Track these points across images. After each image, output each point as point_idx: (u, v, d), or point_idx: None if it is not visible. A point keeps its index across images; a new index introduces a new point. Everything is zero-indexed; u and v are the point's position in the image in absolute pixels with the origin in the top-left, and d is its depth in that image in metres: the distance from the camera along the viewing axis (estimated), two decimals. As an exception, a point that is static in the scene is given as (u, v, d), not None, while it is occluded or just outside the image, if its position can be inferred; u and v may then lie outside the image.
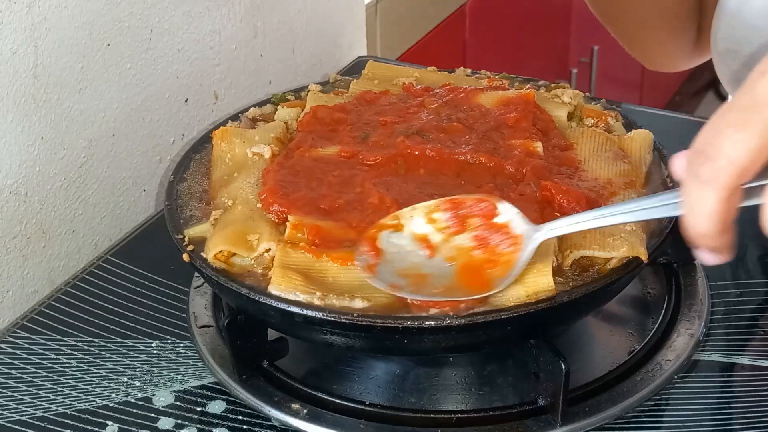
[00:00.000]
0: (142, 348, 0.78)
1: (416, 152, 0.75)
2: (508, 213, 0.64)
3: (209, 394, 0.73)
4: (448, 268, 0.63)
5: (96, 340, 0.79)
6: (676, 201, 0.55)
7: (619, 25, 0.99)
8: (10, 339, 0.79)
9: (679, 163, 0.53)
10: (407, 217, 0.66)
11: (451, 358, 0.74)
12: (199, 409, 0.72)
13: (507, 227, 0.64)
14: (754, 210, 0.51)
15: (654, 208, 0.58)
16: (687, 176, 0.51)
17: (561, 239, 0.68)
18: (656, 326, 0.77)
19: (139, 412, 0.71)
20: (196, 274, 0.81)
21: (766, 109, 0.48)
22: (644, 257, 0.66)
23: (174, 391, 0.73)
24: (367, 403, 0.71)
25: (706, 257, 0.54)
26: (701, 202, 0.50)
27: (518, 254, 0.63)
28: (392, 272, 0.63)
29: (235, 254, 0.68)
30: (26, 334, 0.79)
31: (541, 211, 0.69)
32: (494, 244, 0.63)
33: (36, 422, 0.71)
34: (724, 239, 0.52)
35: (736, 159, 0.48)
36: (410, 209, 0.66)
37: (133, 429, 0.70)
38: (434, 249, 0.64)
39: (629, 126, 0.83)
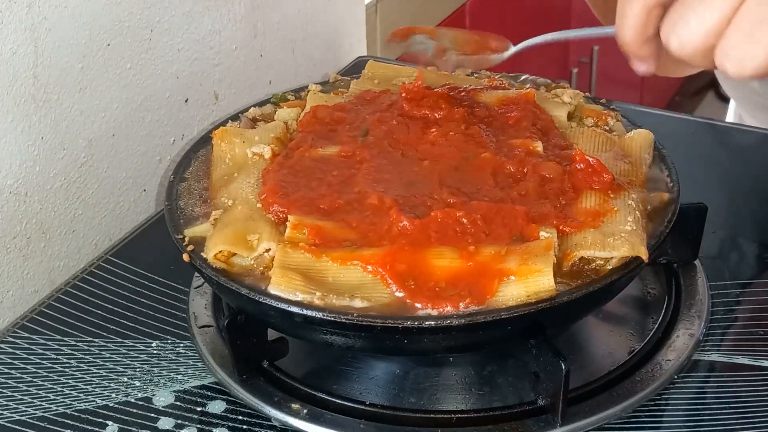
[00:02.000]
0: (142, 348, 0.78)
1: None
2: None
3: (209, 394, 0.73)
4: None
5: (96, 340, 0.79)
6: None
7: None
8: (10, 339, 0.79)
9: None
10: (441, 32, 0.83)
11: (451, 358, 0.74)
12: (199, 409, 0.72)
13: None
14: (752, 209, 0.52)
15: (597, 32, 0.71)
16: None
17: (561, 240, 0.68)
18: (656, 326, 0.77)
19: (139, 412, 0.71)
20: (196, 274, 0.81)
21: None
22: (645, 257, 0.66)
23: (174, 391, 0.73)
24: (367, 403, 0.70)
25: (636, 66, 0.65)
26: (629, 13, 0.61)
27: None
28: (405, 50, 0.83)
29: (235, 254, 0.68)
30: (26, 334, 0.79)
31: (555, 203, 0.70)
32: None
33: (36, 422, 0.71)
34: (647, 49, 0.63)
35: None
36: (446, 30, 0.83)
37: (133, 429, 0.70)
38: (443, 54, 0.82)
39: (629, 126, 0.83)
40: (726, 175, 0.98)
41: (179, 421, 0.70)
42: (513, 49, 0.79)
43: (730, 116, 1.26)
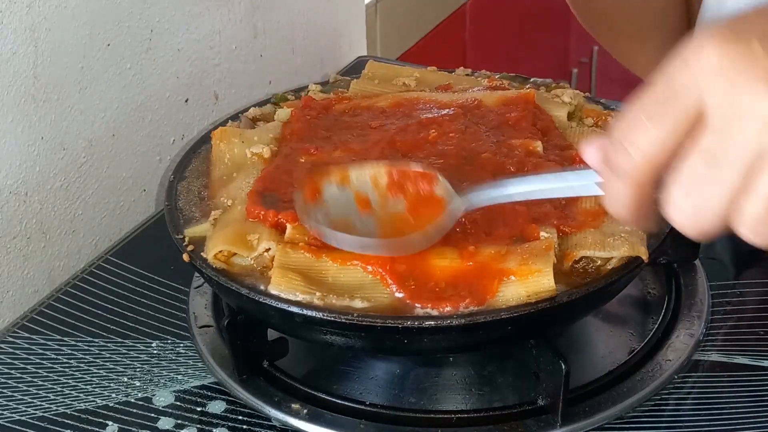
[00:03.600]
0: (142, 348, 0.78)
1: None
2: (443, 186, 0.66)
3: (209, 394, 0.73)
4: (374, 224, 0.66)
5: (96, 340, 0.79)
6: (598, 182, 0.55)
7: (608, 38, 0.99)
8: (10, 339, 0.79)
9: (591, 153, 0.53)
10: (355, 173, 0.68)
11: (451, 358, 0.74)
12: (199, 409, 0.72)
13: (440, 198, 0.66)
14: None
15: (579, 186, 0.58)
16: (605, 167, 0.52)
17: (562, 240, 0.68)
18: (656, 326, 0.77)
19: (139, 412, 0.71)
20: (196, 274, 0.81)
21: (681, 100, 0.47)
22: (645, 257, 0.66)
23: (174, 391, 0.73)
24: (367, 403, 0.71)
25: (633, 224, 0.57)
26: (618, 192, 0.51)
27: (439, 221, 0.65)
28: (324, 218, 0.66)
29: (235, 254, 0.68)
30: (26, 334, 0.79)
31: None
32: (423, 211, 0.66)
33: (36, 422, 0.71)
34: (644, 217, 0.53)
35: (649, 154, 0.49)
36: (359, 168, 0.68)
37: (133, 429, 0.70)
38: (370, 208, 0.67)
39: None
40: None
41: (179, 421, 0.70)
42: (463, 207, 0.64)
43: None
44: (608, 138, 0.51)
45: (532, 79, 0.91)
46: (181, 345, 0.78)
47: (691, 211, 0.49)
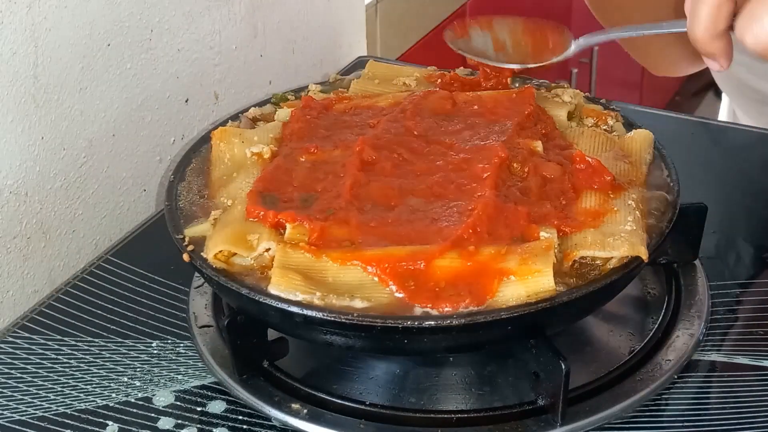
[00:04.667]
0: (142, 348, 0.78)
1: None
2: (566, 37, 0.83)
3: (209, 394, 0.73)
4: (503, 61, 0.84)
5: (96, 340, 0.79)
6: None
7: None
8: (10, 339, 0.79)
9: None
10: (497, 23, 0.86)
11: (451, 358, 0.74)
12: (199, 409, 0.72)
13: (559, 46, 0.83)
14: (753, 209, 0.51)
15: (670, 21, 0.72)
16: None
17: (562, 240, 0.68)
18: (656, 326, 0.77)
19: (139, 412, 0.71)
20: (196, 274, 0.81)
21: None
22: (645, 257, 0.66)
23: (174, 391, 0.73)
24: (367, 403, 0.70)
25: (709, 63, 0.67)
26: (702, 12, 0.63)
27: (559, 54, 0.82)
28: (465, 49, 0.85)
29: (235, 254, 0.68)
30: (26, 334, 0.79)
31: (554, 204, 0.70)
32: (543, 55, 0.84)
33: (36, 422, 0.71)
34: (718, 45, 0.64)
35: None
36: (502, 19, 0.86)
37: (133, 429, 0.70)
38: (504, 50, 0.85)
39: (629, 126, 0.83)
40: (726, 175, 0.98)
41: (179, 421, 0.70)
42: (573, 48, 0.80)
43: (723, 111, 1.27)
44: None
45: (534, 81, 0.91)
46: (181, 345, 0.78)
47: (760, 32, 0.60)
